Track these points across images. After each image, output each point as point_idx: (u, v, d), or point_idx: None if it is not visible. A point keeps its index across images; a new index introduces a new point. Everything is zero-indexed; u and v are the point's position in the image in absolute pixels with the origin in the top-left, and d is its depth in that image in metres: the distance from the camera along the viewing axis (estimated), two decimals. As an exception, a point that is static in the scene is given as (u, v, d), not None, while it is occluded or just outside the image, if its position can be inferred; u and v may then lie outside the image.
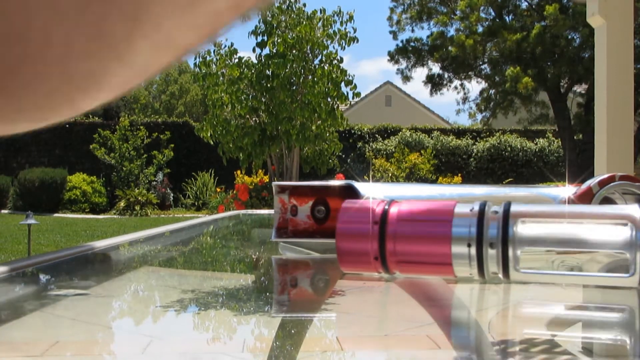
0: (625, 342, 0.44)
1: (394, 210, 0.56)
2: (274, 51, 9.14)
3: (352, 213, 0.58)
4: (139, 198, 12.29)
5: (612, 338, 0.46)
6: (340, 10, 9.51)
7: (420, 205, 0.57)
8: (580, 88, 15.30)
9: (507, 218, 0.53)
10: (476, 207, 0.54)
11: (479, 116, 16.81)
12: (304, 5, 9.72)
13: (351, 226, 0.57)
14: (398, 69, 16.04)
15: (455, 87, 16.33)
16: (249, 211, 1.98)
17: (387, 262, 0.56)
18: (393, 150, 14.24)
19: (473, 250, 0.52)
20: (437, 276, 0.57)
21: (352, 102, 18.37)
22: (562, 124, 13.97)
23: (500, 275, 0.53)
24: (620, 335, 0.47)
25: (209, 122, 9.20)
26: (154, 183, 13.27)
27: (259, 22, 9.56)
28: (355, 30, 9.58)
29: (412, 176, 12.54)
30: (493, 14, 14.86)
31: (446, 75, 15.90)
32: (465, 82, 16.08)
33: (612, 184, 0.75)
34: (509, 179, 14.25)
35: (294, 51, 9.07)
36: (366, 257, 0.56)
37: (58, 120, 0.22)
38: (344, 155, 13.73)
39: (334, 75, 9.15)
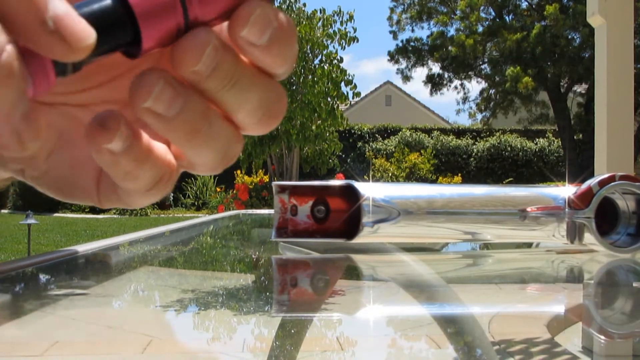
0: (624, 341, 0.44)
1: None
2: (274, 51, 9.13)
3: None
4: (139, 198, 12.27)
5: (611, 337, 0.46)
6: (340, 10, 9.51)
7: None
8: (580, 88, 15.30)
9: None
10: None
11: (479, 116, 16.82)
12: (304, 5, 9.72)
13: None
14: (398, 69, 16.05)
15: (455, 87, 16.33)
16: (249, 211, 1.99)
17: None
18: (393, 150, 14.23)
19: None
20: None
21: (352, 102, 18.36)
22: (562, 123, 13.97)
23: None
24: (619, 335, 0.47)
25: (209, 122, 9.18)
26: (154, 183, 13.25)
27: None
28: (355, 30, 9.58)
29: (412, 176, 12.54)
30: (493, 13, 14.86)
31: (446, 75, 15.90)
32: (465, 82, 16.09)
33: (612, 183, 0.76)
34: (509, 179, 14.25)
35: (294, 51, 9.06)
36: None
37: None
38: (344, 155, 13.72)
39: (334, 75, 9.14)
